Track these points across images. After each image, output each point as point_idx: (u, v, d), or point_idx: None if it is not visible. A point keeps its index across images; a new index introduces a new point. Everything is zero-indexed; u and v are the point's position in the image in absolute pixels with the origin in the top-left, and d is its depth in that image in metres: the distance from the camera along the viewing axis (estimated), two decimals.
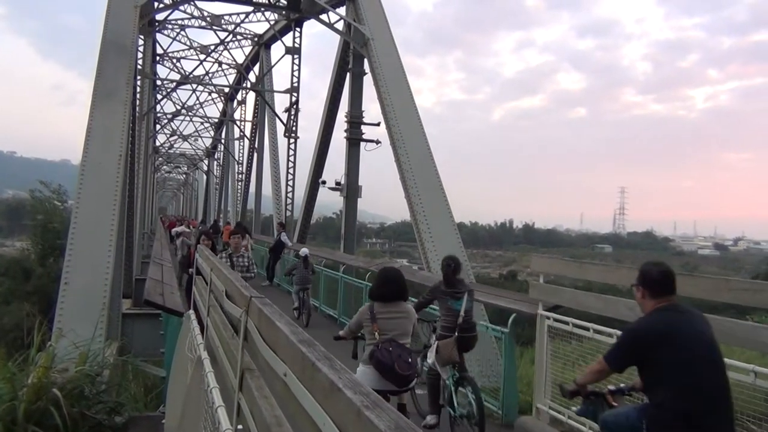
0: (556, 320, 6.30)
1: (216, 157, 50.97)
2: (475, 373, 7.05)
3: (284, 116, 26.64)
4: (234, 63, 33.88)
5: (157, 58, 31.60)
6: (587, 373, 3.88)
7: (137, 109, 19.74)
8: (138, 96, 20.20)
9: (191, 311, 5.97)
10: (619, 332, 5.49)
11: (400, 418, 1.13)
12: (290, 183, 26.33)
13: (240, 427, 2.73)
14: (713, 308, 5.66)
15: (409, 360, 4.81)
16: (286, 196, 26.43)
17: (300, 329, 1.96)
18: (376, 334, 4.83)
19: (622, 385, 4.02)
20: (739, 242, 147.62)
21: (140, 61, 22.05)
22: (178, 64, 34.06)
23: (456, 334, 6.06)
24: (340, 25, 18.04)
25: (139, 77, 20.95)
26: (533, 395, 6.63)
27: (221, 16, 28.24)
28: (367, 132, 19.88)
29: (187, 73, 33.62)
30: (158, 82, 33.63)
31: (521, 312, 7.01)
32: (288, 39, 26.50)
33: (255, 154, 33.91)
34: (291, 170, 26.32)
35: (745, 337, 4.50)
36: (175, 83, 34.67)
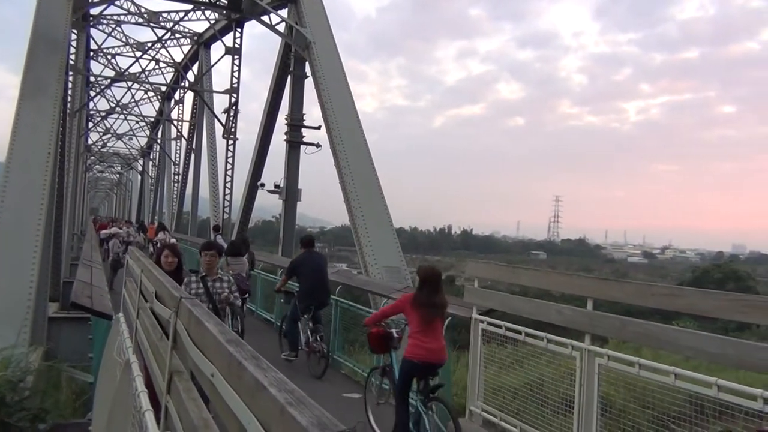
0: (489, 324, 6.42)
1: (151, 157, 49.68)
2: None
3: (223, 117, 26.26)
4: (172, 61, 33.17)
5: (91, 53, 30.64)
6: None
7: (68, 105, 19.07)
8: (69, 92, 19.53)
9: (120, 314, 5.81)
10: (550, 336, 5.65)
11: (323, 414, 1.14)
12: (228, 185, 25.97)
13: None
14: (640, 313, 5.87)
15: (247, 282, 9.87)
16: (224, 199, 26.03)
17: (228, 329, 1.95)
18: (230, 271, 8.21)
19: None
20: (666, 251, 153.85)
21: (73, 57, 21.31)
22: (113, 61, 33.17)
23: None
24: (282, 27, 17.93)
25: (71, 73, 20.27)
26: (467, 397, 6.73)
27: (159, 13, 27.62)
28: (308, 135, 19.84)
29: (122, 70, 32.69)
30: (92, 79, 32.59)
31: (456, 315, 7.11)
32: (228, 39, 26.22)
33: (192, 155, 33.34)
34: (229, 172, 25.96)
35: (667, 340, 4.69)
36: (109, 80, 33.70)
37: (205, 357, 1.96)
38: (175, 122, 37.81)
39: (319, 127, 18.14)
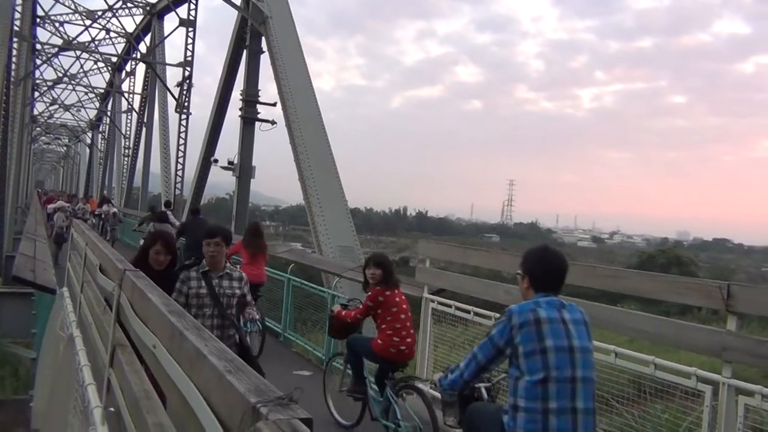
0: (440, 303, 6.51)
1: (101, 129, 48.30)
2: None
3: (176, 91, 25.63)
4: (123, 31, 32.20)
5: (38, 20, 29.44)
6: None
7: (12, 73, 18.32)
8: (14, 59, 18.76)
9: (65, 288, 5.68)
10: (497, 315, 5.76)
11: (261, 381, 1.15)
12: (180, 160, 25.42)
13: (112, 409, 2.65)
14: (587, 296, 6.02)
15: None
16: (176, 174, 25.50)
17: (172, 301, 1.93)
18: None
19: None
20: (614, 236, 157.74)
21: (17, 22, 20.45)
22: (61, 29, 31.98)
23: None
24: (238, 0, 17.57)
25: (15, 39, 19.43)
26: (416, 375, 6.82)
27: None
28: (263, 112, 19.58)
29: (70, 39, 31.51)
30: (38, 47, 31.37)
31: (407, 295, 7.17)
32: (183, 10, 25.60)
33: (143, 129, 32.54)
34: (182, 147, 25.41)
35: (610, 321, 4.85)
36: (57, 48, 32.40)
37: (148, 328, 1.95)
38: (126, 94, 36.82)
39: (274, 104, 17.94)
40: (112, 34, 33.10)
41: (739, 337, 3.76)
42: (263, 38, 16.39)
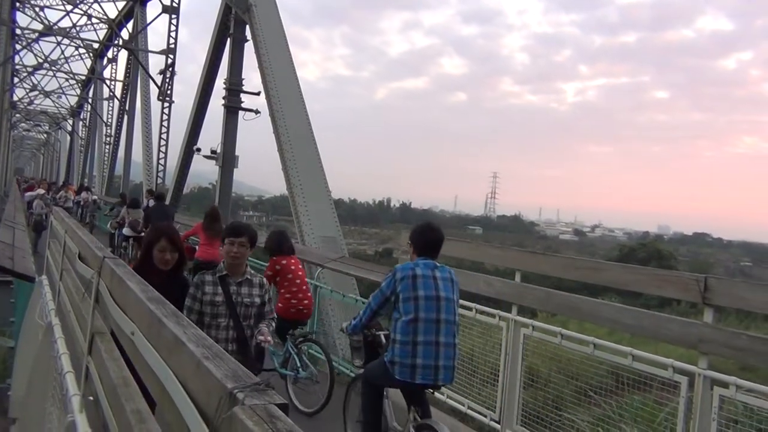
0: None
1: (82, 117, 47.68)
2: (344, 342, 7.21)
3: (159, 78, 25.34)
4: (105, 17, 31.73)
5: (17, 4, 28.96)
6: None
7: None
8: None
9: (44, 276, 5.63)
10: (479, 306, 5.81)
11: (239, 367, 1.16)
12: (163, 149, 25.17)
13: (91, 398, 2.64)
14: (569, 289, 6.07)
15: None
16: (158, 163, 25.26)
17: (151, 288, 1.92)
18: None
19: None
20: (596, 229, 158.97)
21: None
22: (41, 13, 31.34)
23: None
24: None
25: None
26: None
27: None
28: (247, 101, 19.38)
29: (51, 24, 31.00)
30: (17, 31, 30.84)
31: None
32: None
33: (125, 117, 32.19)
34: (164, 135, 25.16)
35: (589, 312, 4.91)
36: (37, 34, 31.85)
37: (126, 316, 1.94)
38: (108, 82, 36.35)
39: (258, 93, 17.74)
40: (94, 20, 32.61)
41: (716, 329, 3.82)
42: (247, 26, 16.25)
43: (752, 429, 3.60)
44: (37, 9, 31.00)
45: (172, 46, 25.00)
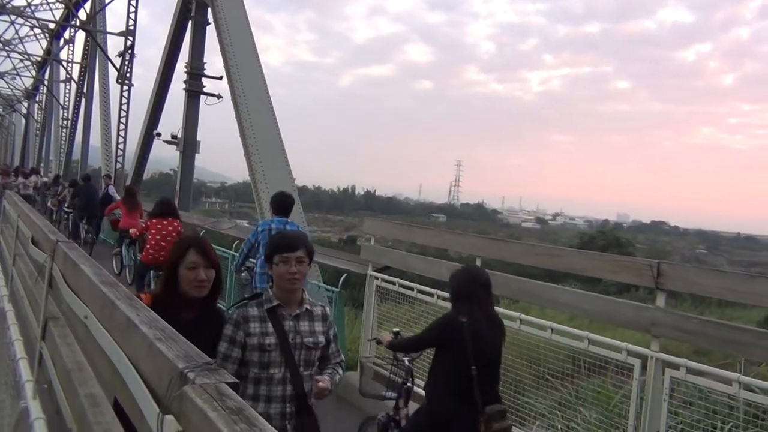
0: (384, 280, 6.56)
1: (37, 99, 46.18)
2: None
3: (117, 61, 24.73)
4: None
5: None
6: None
7: None
8: None
9: None
10: (440, 292, 5.84)
11: (191, 348, 1.15)
12: (122, 133, 24.59)
13: (45, 386, 2.60)
14: (530, 276, 6.14)
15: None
16: (117, 147, 24.69)
17: (106, 272, 1.90)
18: None
19: None
20: (557, 217, 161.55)
21: None
22: None
23: None
24: None
25: None
26: (359, 351, 6.88)
27: None
28: (209, 86, 19.14)
29: (4, 2, 29.94)
30: None
31: (352, 272, 7.21)
32: None
33: (83, 100, 31.38)
34: (123, 120, 24.58)
35: (548, 297, 4.99)
36: None
37: (80, 299, 1.91)
38: (65, 63, 35.35)
39: (220, 78, 17.52)
40: None
41: (667, 312, 3.92)
42: (209, 9, 15.97)
43: (706, 410, 3.72)
44: None
45: (132, 27, 24.40)
